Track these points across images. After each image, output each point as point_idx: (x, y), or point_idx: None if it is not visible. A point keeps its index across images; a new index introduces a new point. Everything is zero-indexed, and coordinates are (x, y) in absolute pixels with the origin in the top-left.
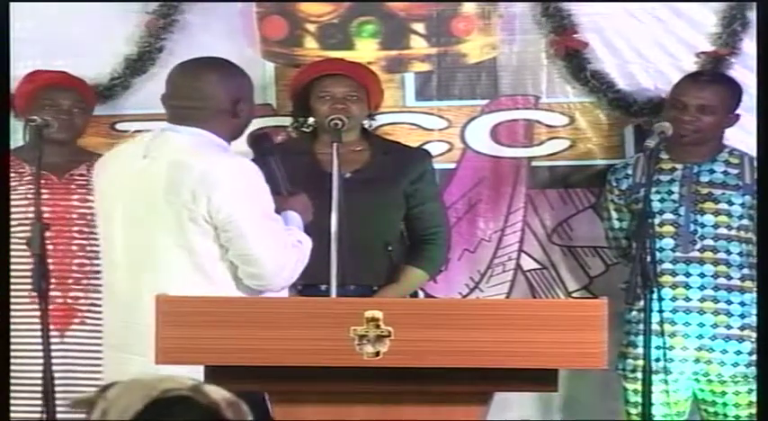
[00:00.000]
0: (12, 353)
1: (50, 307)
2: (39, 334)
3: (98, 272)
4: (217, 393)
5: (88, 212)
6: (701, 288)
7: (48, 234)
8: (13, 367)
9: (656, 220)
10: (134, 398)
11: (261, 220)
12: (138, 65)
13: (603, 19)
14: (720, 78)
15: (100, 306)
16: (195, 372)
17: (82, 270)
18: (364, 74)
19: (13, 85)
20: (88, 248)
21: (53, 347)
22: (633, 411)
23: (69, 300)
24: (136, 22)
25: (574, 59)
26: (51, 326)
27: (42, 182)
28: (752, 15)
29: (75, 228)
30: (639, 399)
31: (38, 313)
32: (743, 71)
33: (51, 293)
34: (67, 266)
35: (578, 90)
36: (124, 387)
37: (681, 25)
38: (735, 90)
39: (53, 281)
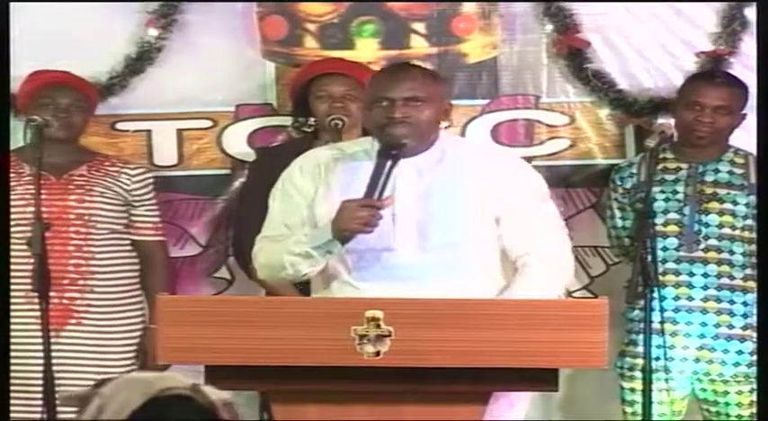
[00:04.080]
0: (12, 353)
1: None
2: (36, 334)
3: (94, 272)
4: (214, 394)
5: (85, 213)
6: (705, 287)
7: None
8: (12, 367)
9: (661, 220)
10: (132, 396)
11: None
12: (137, 64)
13: (604, 18)
14: (733, 79)
15: (96, 307)
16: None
17: (78, 270)
18: (362, 72)
19: (14, 85)
20: (85, 249)
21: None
22: (629, 410)
23: (65, 301)
24: (136, 21)
25: (575, 59)
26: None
27: (41, 182)
28: (751, 15)
29: (72, 229)
30: (636, 398)
31: (34, 313)
32: (742, 71)
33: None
34: (63, 267)
35: (579, 90)
36: (121, 384)
37: (681, 25)
38: (744, 90)
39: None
